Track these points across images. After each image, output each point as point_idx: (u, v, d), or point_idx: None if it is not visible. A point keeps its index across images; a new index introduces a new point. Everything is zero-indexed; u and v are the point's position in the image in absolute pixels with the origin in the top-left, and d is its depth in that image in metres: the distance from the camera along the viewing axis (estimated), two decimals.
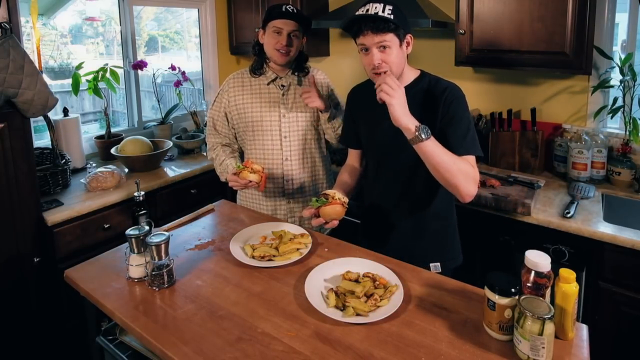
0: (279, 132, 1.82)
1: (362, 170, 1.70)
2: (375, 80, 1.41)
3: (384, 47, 1.36)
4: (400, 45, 1.39)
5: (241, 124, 1.87)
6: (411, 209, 1.51)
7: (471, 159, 1.38)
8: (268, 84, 1.83)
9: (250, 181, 1.58)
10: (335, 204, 1.37)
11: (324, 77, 1.94)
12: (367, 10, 1.35)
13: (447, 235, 1.56)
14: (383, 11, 1.33)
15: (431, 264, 1.50)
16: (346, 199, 1.42)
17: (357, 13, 1.38)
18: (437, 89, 1.43)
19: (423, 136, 1.26)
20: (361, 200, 1.70)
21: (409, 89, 1.44)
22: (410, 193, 1.49)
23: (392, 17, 1.33)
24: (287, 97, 1.82)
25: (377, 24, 1.33)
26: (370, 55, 1.37)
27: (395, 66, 1.39)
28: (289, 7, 1.74)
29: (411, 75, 1.48)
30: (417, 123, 1.28)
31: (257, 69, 1.84)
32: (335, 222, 1.39)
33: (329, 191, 1.41)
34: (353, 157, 1.71)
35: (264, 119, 1.82)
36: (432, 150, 1.28)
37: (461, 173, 1.30)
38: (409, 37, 1.41)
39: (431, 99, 1.42)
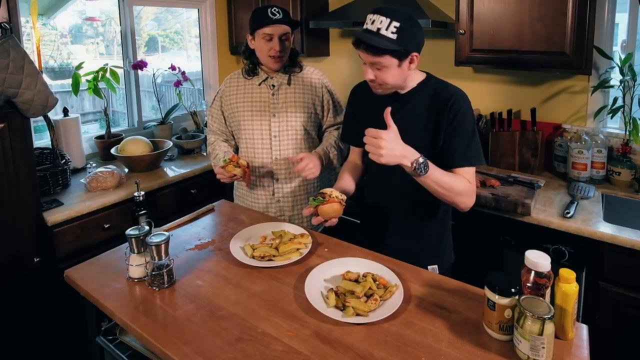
0: (268, 132, 1.83)
1: (364, 167, 1.69)
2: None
3: (379, 67, 1.32)
4: (400, 65, 1.32)
5: (234, 123, 1.90)
6: (411, 210, 1.51)
7: (471, 170, 1.38)
8: (259, 84, 1.85)
9: (235, 175, 1.65)
10: (333, 202, 1.36)
11: (320, 75, 1.94)
12: (373, 22, 1.29)
13: (443, 236, 1.56)
14: (387, 28, 1.27)
15: (429, 266, 1.50)
16: (344, 197, 1.41)
17: (366, 20, 1.34)
18: (442, 95, 1.39)
19: (420, 172, 1.25)
20: (361, 200, 1.70)
21: (413, 93, 1.44)
22: (410, 194, 1.49)
23: (395, 36, 1.27)
24: (277, 97, 1.84)
25: (370, 49, 1.28)
26: (365, 68, 1.36)
27: (390, 84, 1.37)
28: (275, 11, 1.73)
29: (417, 78, 1.45)
30: (413, 158, 1.24)
31: (249, 72, 1.87)
32: (334, 220, 1.39)
33: (326, 190, 1.41)
34: (355, 154, 1.71)
35: (254, 118, 1.84)
36: (431, 183, 1.29)
37: (459, 194, 1.33)
38: (413, 55, 1.33)
39: (436, 104, 1.39)
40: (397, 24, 1.27)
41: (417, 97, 1.43)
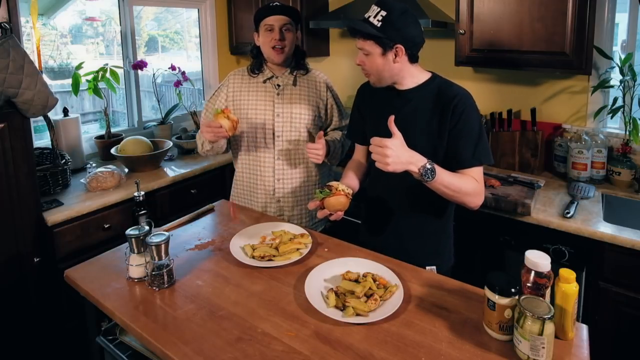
0: (272, 131, 1.83)
1: (368, 166, 1.69)
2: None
3: (365, 53, 1.38)
4: (384, 54, 1.36)
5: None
6: (412, 209, 1.51)
7: (479, 169, 1.39)
8: (264, 81, 1.85)
9: (221, 126, 1.61)
10: (339, 195, 1.36)
11: (325, 79, 1.94)
12: (369, 11, 1.36)
13: (443, 237, 1.55)
14: (375, 17, 1.34)
15: (427, 267, 1.49)
16: (350, 190, 1.42)
17: None
18: (446, 94, 1.39)
19: (428, 178, 1.26)
20: (362, 199, 1.70)
21: (417, 91, 1.44)
22: (412, 193, 1.48)
23: (379, 24, 1.32)
24: (282, 97, 1.84)
25: (354, 32, 1.38)
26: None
27: (374, 73, 1.41)
28: (275, 4, 1.78)
29: (421, 77, 1.45)
30: (420, 164, 1.25)
31: (255, 69, 1.87)
32: (340, 214, 1.39)
33: (332, 183, 1.42)
34: (359, 152, 1.70)
35: (258, 116, 1.84)
36: (439, 186, 1.30)
37: (468, 194, 1.34)
38: (398, 48, 1.35)
39: (439, 103, 1.40)
40: (384, 14, 1.33)
41: (420, 95, 1.43)
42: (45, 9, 2.77)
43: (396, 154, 1.24)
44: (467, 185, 1.34)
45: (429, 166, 1.26)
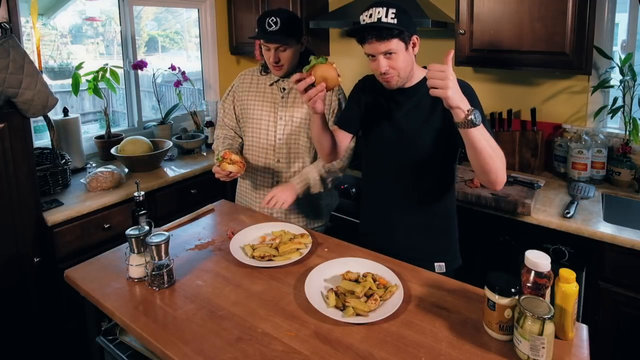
0: (274, 133, 1.84)
1: (338, 147, 1.56)
2: (383, 83, 1.42)
3: (390, 54, 1.35)
4: (407, 48, 1.37)
5: (243, 119, 1.92)
6: (419, 206, 1.51)
7: None
8: (271, 84, 1.86)
9: (231, 172, 1.65)
10: (331, 68, 1.29)
11: None
12: (371, 15, 1.33)
13: (451, 235, 1.56)
14: (386, 16, 1.32)
15: (436, 264, 1.50)
16: (339, 74, 1.33)
17: (361, 17, 1.37)
18: None
19: (476, 121, 1.16)
20: (359, 200, 1.69)
21: (417, 89, 1.45)
22: (419, 189, 1.48)
23: (395, 21, 1.31)
24: (286, 100, 1.84)
25: (381, 32, 1.32)
26: (377, 62, 1.37)
27: (403, 70, 1.39)
28: (272, 21, 1.67)
29: (420, 74, 1.47)
30: (468, 106, 1.17)
31: (265, 68, 1.88)
32: (323, 85, 1.29)
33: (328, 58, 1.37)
34: (338, 134, 1.56)
35: (262, 117, 1.85)
36: (480, 138, 1.20)
37: (502, 160, 1.26)
38: (414, 38, 1.39)
39: (440, 99, 1.40)
40: (394, 10, 1.33)
41: (422, 90, 1.43)
42: (45, 9, 2.77)
43: (455, 81, 1.15)
44: (499, 150, 1.26)
45: (475, 111, 1.16)
